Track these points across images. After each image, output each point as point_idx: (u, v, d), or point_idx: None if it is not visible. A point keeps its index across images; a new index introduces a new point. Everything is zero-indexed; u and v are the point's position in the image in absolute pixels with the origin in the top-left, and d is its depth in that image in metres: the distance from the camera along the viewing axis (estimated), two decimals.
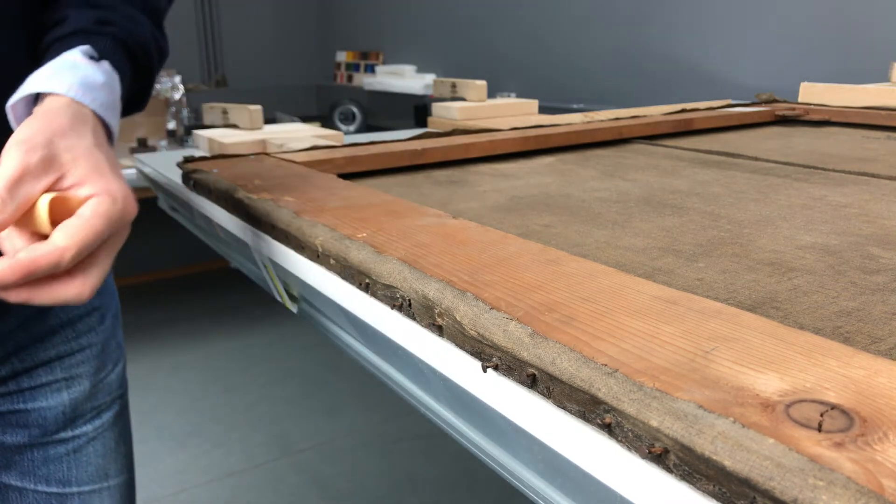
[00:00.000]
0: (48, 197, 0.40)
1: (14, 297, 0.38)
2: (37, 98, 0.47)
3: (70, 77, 0.46)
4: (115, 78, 0.50)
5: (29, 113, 0.46)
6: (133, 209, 0.42)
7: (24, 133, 0.41)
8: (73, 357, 0.64)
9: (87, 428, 0.66)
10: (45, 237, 0.39)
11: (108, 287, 0.70)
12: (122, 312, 0.72)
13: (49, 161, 0.40)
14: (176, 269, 3.37)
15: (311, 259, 0.52)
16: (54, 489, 0.65)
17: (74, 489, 0.66)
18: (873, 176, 0.78)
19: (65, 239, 0.38)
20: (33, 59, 0.54)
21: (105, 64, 0.49)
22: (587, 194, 0.71)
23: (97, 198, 0.40)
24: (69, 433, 0.65)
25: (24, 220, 0.40)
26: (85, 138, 0.43)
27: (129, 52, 0.53)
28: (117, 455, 0.70)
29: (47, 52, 0.51)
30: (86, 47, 0.50)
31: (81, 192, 0.41)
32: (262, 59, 4.32)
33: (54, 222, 0.39)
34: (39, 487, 0.65)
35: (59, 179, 0.41)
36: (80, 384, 0.65)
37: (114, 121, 0.48)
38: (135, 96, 0.55)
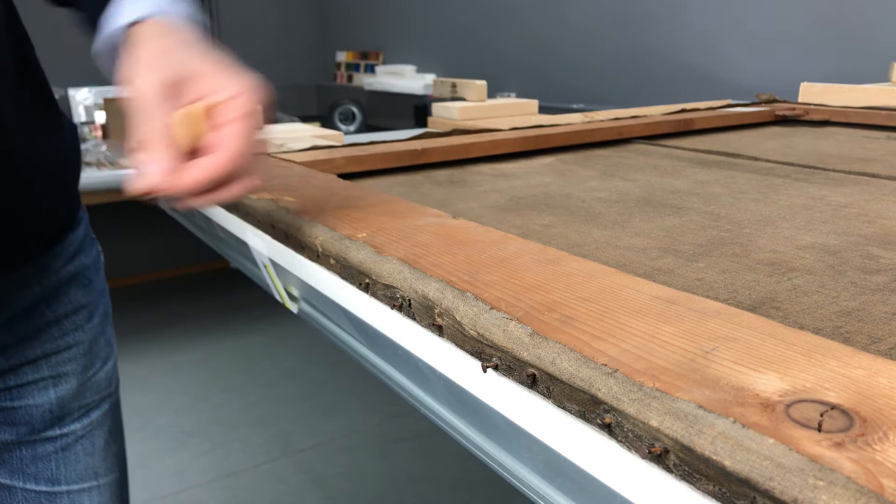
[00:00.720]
0: (193, 109, 0.43)
1: (201, 201, 0.43)
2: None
3: (148, 2, 0.48)
4: None
5: (114, 51, 0.49)
6: (258, 93, 0.45)
7: (146, 63, 0.44)
8: (60, 355, 0.64)
9: (76, 426, 0.66)
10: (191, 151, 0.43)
11: (97, 285, 0.69)
12: (122, 313, 0.72)
13: (178, 81, 0.43)
14: (176, 269, 3.37)
15: (311, 259, 0.52)
16: (43, 487, 0.65)
17: (63, 487, 0.66)
18: (873, 176, 0.78)
19: (229, 147, 0.42)
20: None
21: None
22: (587, 194, 0.71)
23: (235, 99, 0.43)
24: (57, 431, 0.65)
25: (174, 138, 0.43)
26: (194, 47, 0.46)
27: None
28: (107, 453, 0.70)
29: None
30: None
31: (217, 97, 0.43)
32: (262, 59, 4.31)
33: (199, 133, 0.43)
34: (28, 486, 0.65)
35: (191, 93, 0.43)
36: (67, 382, 0.65)
37: (199, 27, 0.50)
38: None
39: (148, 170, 0.41)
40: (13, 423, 0.63)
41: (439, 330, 0.39)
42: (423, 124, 2.31)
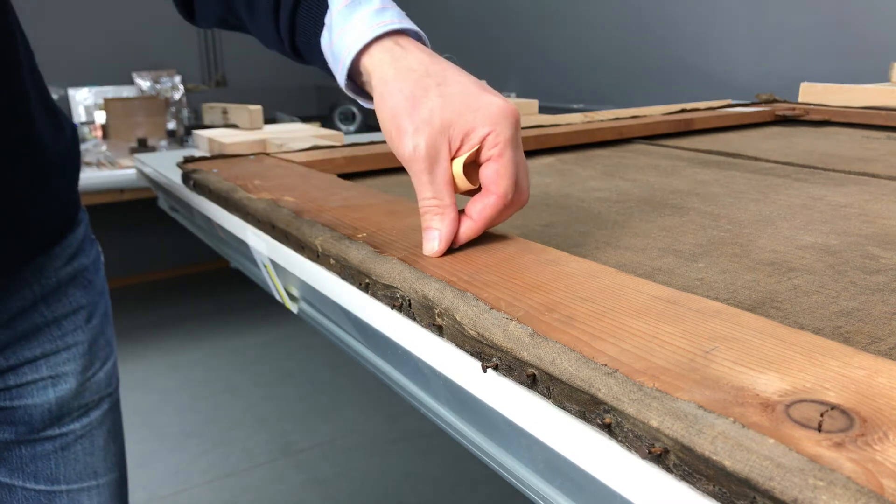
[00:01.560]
0: (459, 162, 0.44)
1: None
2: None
3: (362, 22, 0.47)
4: None
5: (354, 83, 0.49)
6: (514, 108, 0.45)
7: (404, 117, 0.44)
8: (59, 355, 0.64)
9: (75, 426, 0.66)
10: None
11: (97, 286, 0.69)
12: (122, 313, 0.73)
13: (440, 134, 0.44)
14: (176, 269, 3.37)
15: (311, 259, 0.52)
16: (42, 486, 0.65)
17: (63, 487, 0.66)
18: (873, 176, 0.78)
19: (499, 187, 0.43)
20: None
21: None
22: (587, 194, 0.71)
23: (493, 132, 0.43)
24: (56, 431, 0.65)
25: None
26: (435, 77, 0.45)
27: None
28: (106, 453, 0.70)
29: (292, 16, 0.52)
30: None
31: (476, 138, 0.44)
32: (262, 59, 4.31)
33: (470, 181, 0.45)
34: (28, 485, 0.65)
35: (455, 137, 0.44)
36: (66, 382, 0.65)
37: (414, 26, 0.49)
38: None
39: (439, 237, 0.44)
40: (12, 423, 0.63)
41: (439, 330, 0.39)
42: None
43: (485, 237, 0.49)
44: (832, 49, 1.82)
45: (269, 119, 3.13)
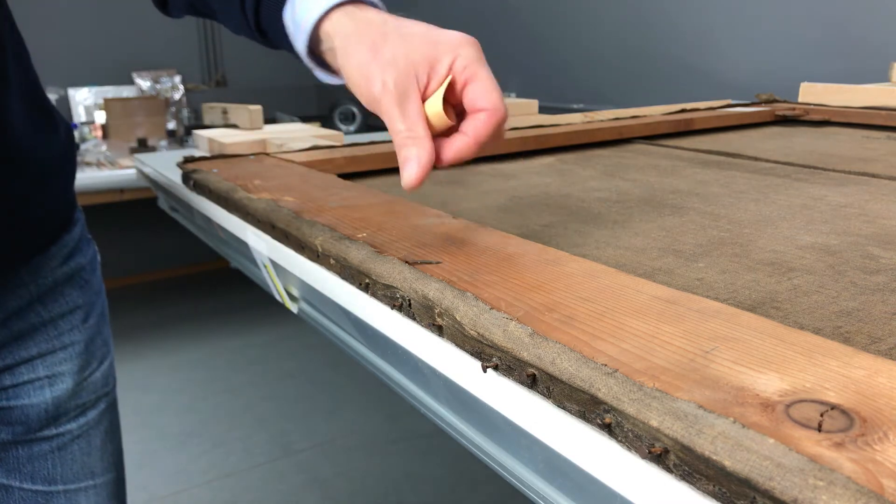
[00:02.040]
0: (434, 98, 0.44)
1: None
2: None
3: None
4: None
5: (315, 52, 0.50)
6: (472, 38, 0.46)
7: (370, 60, 0.45)
8: (56, 355, 0.64)
9: (72, 426, 0.66)
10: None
11: (94, 286, 0.69)
12: (122, 313, 0.73)
13: (407, 70, 0.44)
14: (176, 269, 3.37)
15: (311, 259, 0.52)
16: (39, 487, 0.65)
17: (60, 487, 0.66)
18: (873, 176, 0.78)
19: (486, 98, 0.44)
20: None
21: None
22: (587, 194, 0.71)
23: (458, 56, 0.44)
24: (53, 431, 0.65)
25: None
26: (392, 25, 0.46)
27: None
28: (104, 453, 0.70)
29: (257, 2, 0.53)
30: None
31: (442, 69, 0.44)
32: (262, 59, 4.31)
33: (447, 117, 0.45)
34: (25, 485, 0.65)
35: (421, 75, 0.44)
36: (63, 382, 0.65)
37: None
38: None
39: (418, 164, 0.44)
40: (9, 423, 0.63)
41: (439, 330, 0.39)
42: None
43: (485, 237, 0.49)
44: (832, 49, 1.82)
45: (269, 119, 3.13)
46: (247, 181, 0.68)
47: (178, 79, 3.27)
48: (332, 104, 3.77)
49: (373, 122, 3.55)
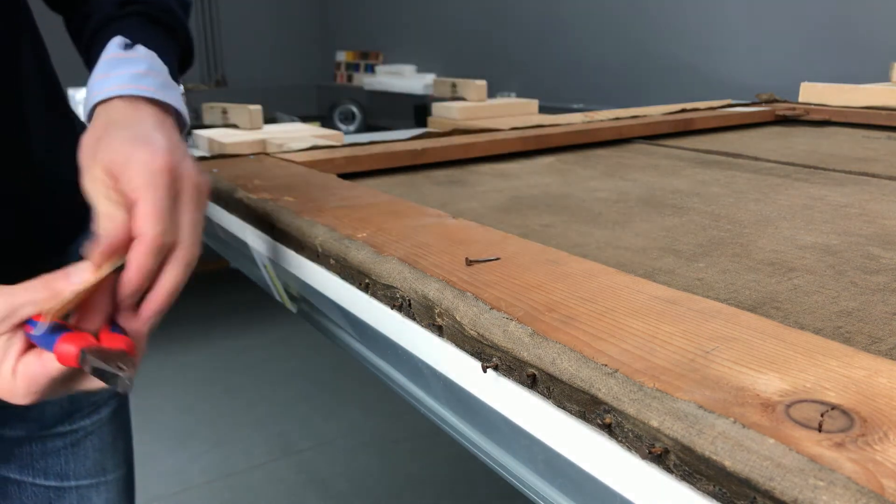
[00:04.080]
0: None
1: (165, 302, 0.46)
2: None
3: (115, 79, 0.49)
4: (154, 56, 0.52)
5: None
6: (174, 165, 0.43)
7: (87, 153, 0.45)
8: None
9: (85, 422, 0.66)
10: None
11: None
12: None
13: (106, 173, 0.44)
14: None
15: (311, 259, 0.52)
16: (52, 482, 0.66)
17: (72, 483, 0.67)
18: (873, 176, 0.78)
19: (146, 226, 0.42)
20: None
21: (140, 48, 0.51)
22: (587, 194, 0.71)
23: (124, 178, 0.42)
24: (67, 427, 0.65)
25: None
26: (121, 129, 0.46)
27: (158, 23, 0.55)
28: (115, 450, 0.71)
29: (88, 51, 0.54)
30: (118, 39, 0.51)
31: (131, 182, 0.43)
32: (262, 59, 4.31)
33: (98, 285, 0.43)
34: (38, 481, 0.65)
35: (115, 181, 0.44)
36: None
37: (172, 98, 0.50)
38: (182, 55, 0.57)
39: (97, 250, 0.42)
40: (24, 420, 0.63)
41: (439, 330, 0.39)
42: (423, 124, 2.31)
43: (485, 237, 0.49)
44: (832, 49, 1.82)
45: (269, 119, 3.13)
46: (247, 181, 0.68)
47: None
48: (332, 104, 3.77)
49: (373, 122, 3.55)
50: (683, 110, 1.21)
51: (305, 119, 2.93)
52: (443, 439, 1.99)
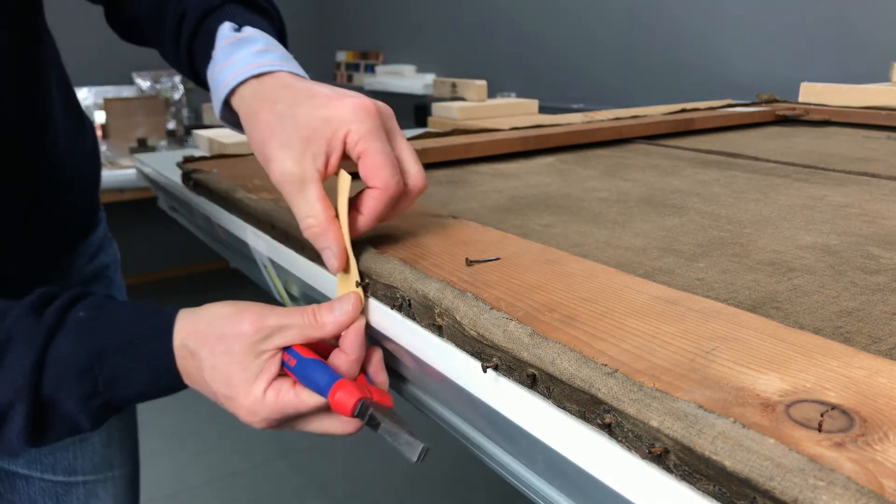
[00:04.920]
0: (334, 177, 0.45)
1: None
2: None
3: (238, 63, 0.48)
4: (264, 34, 0.51)
5: (228, 107, 0.49)
6: (369, 103, 0.44)
7: (270, 138, 0.44)
8: None
9: None
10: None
11: (117, 283, 0.72)
12: None
13: (305, 147, 0.43)
14: (176, 269, 3.37)
15: (311, 259, 0.52)
16: (60, 477, 0.66)
17: (80, 478, 0.67)
18: (873, 176, 0.78)
19: (376, 176, 0.43)
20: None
21: (248, 29, 0.51)
22: (587, 194, 0.71)
23: (350, 131, 0.43)
24: None
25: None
26: (287, 106, 0.45)
27: (255, 7, 0.55)
28: (122, 446, 0.71)
29: (190, 44, 0.53)
30: (227, 24, 0.51)
31: (337, 145, 0.44)
32: None
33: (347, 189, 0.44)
34: (45, 476, 0.65)
35: (321, 148, 0.44)
36: None
37: (296, 68, 0.50)
38: (278, 38, 0.57)
39: (332, 254, 0.44)
40: None
41: (439, 330, 0.39)
42: (423, 124, 2.31)
43: (485, 237, 0.49)
44: (832, 49, 1.82)
45: None
46: (247, 181, 0.68)
47: (178, 78, 3.27)
48: None
49: None
50: (683, 110, 1.21)
51: None
52: (443, 439, 1.98)
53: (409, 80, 3.38)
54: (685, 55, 2.19)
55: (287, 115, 0.44)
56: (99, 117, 2.81)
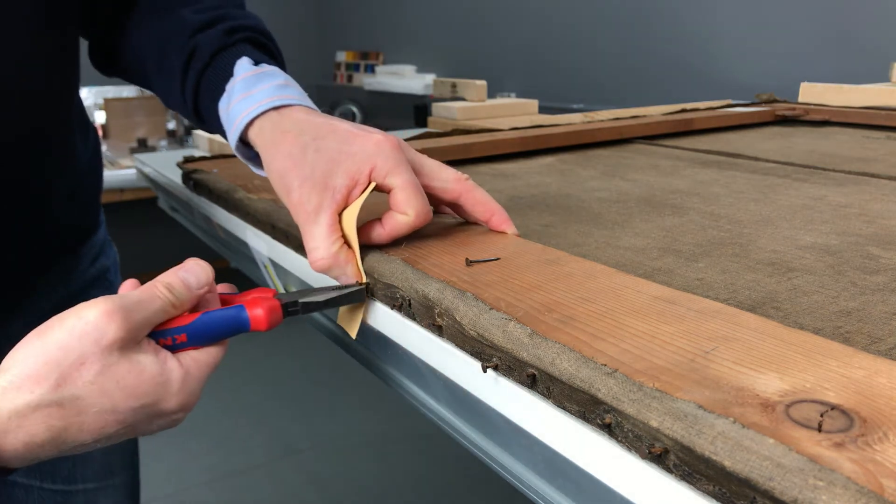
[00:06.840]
0: (351, 208, 0.46)
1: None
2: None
3: (259, 94, 0.49)
4: (281, 71, 0.53)
5: (244, 147, 0.51)
6: (391, 138, 0.46)
7: (289, 172, 0.45)
8: None
9: None
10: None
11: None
12: None
13: (325, 182, 0.45)
14: None
15: None
16: (60, 486, 0.66)
17: (80, 486, 0.67)
18: (873, 176, 0.78)
19: (410, 205, 0.45)
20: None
21: (266, 66, 0.52)
22: (587, 194, 0.71)
23: (376, 166, 0.44)
24: None
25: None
26: (311, 138, 0.46)
27: (264, 47, 0.56)
28: (123, 453, 0.70)
29: (199, 78, 0.54)
30: (245, 59, 0.52)
31: (362, 180, 0.45)
32: None
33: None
34: (45, 485, 0.65)
35: (340, 183, 0.45)
36: None
37: (312, 105, 0.51)
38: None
39: (346, 276, 0.45)
40: None
41: (439, 330, 0.39)
42: (423, 124, 2.31)
43: (485, 237, 0.49)
44: (832, 49, 1.82)
45: None
46: (247, 181, 0.68)
47: None
48: (332, 104, 3.77)
49: (373, 123, 3.55)
50: (683, 110, 1.21)
51: None
52: (443, 439, 1.99)
53: (409, 80, 3.38)
54: (685, 55, 2.19)
55: (310, 148, 0.45)
56: (99, 117, 2.81)
